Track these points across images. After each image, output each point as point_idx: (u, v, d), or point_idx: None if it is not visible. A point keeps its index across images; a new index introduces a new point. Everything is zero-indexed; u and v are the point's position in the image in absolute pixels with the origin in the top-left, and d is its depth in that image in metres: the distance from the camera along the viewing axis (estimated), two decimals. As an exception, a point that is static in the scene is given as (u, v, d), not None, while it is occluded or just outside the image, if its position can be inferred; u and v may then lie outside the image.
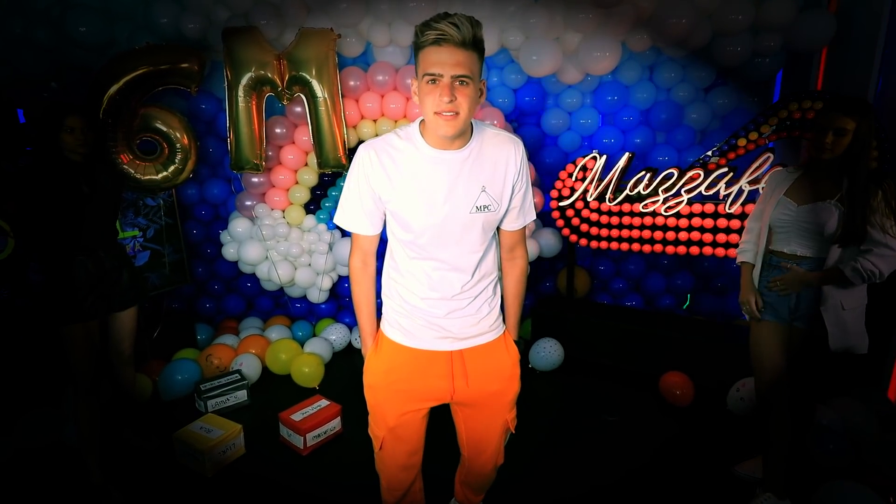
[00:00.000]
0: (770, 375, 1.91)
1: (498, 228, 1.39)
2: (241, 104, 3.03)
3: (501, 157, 1.27)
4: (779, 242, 1.90)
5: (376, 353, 1.41)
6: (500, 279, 1.48)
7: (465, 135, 1.23)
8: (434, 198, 1.22)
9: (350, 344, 3.56)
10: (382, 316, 1.42)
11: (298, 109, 3.21)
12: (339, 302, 3.86)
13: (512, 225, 1.38)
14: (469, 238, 1.27)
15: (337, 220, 1.35)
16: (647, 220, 3.11)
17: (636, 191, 3.09)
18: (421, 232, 1.25)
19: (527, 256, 1.48)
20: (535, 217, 1.41)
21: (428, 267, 1.29)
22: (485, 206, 1.25)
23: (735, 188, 2.87)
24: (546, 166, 3.58)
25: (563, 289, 3.61)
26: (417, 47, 1.13)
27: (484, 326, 1.37)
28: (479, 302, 1.35)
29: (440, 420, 1.52)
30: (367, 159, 1.23)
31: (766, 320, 1.93)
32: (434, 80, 1.11)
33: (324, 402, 2.56)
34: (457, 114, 1.13)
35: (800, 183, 1.87)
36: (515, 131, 3.54)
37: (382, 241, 1.40)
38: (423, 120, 1.23)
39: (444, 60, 1.09)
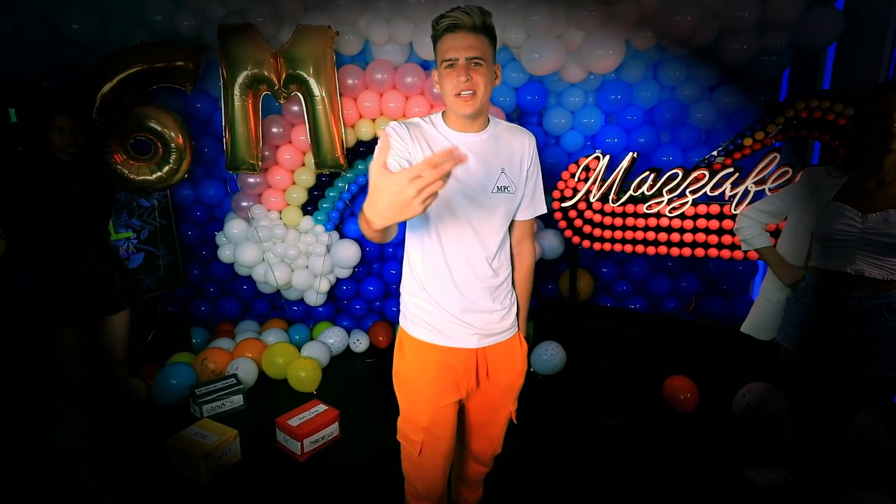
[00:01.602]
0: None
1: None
2: (237, 103, 2.99)
3: (517, 144, 1.35)
4: (832, 260, 1.60)
5: (402, 356, 1.40)
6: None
7: (482, 119, 1.31)
8: (458, 177, 1.26)
9: (348, 347, 3.52)
10: (403, 314, 1.42)
11: (296, 108, 3.16)
12: (337, 305, 3.81)
13: (523, 214, 1.42)
14: (490, 221, 1.31)
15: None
16: (652, 222, 3.06)
17: (640, 191, 3.04)
18: (445, 212, 1.28)
19: (534, 252, 1.51)
20: (545, 210, 1.46)
21: (450, 253, 1.31)
22: (504, 188, 1.31)
23: (741, 189, 2.82)
24: (548, 166, 3.52)
25: (565, 291, 3.56)
26: (435, 39, 1.23)
27: (506, 324, 1.40)
28: (500, 295, 1.38)
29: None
30: (401, 129, 1.28)
31: (809, 352, 1.73)
32: (451, 65, 1.21)
33: (321, 407, 2.53)
34: (474, 93, 1.21)
35: (852, 187, 1.59)
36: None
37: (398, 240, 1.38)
38: (444, 112, 1.33)
39: (459, 45, 1.19)
